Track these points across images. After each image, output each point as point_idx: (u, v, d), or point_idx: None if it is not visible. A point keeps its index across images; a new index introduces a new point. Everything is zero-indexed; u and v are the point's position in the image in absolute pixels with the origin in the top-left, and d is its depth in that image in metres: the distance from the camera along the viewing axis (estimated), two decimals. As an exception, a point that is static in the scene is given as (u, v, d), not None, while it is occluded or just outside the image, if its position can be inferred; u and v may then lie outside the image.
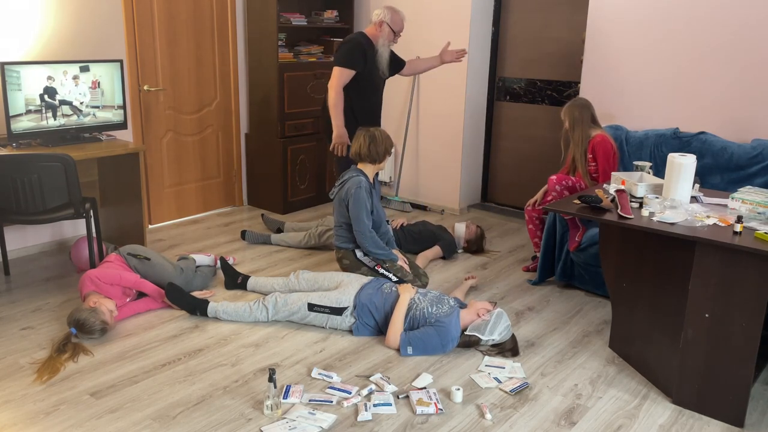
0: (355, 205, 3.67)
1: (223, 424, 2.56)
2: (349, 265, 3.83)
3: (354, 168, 3.83)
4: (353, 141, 3.81)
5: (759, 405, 2.79)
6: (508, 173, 5.58)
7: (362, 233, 3.69)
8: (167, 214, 5.11)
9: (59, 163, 3.52)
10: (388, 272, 3.74)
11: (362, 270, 3.77)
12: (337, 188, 3.81)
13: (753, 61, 3.91)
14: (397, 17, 4.20)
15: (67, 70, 3.99)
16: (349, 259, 3.82)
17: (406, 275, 3.75)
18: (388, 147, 3.78)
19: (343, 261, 3.86)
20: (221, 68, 5.22)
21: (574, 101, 3.94)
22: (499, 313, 3.17)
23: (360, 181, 3.69)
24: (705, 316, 2.62)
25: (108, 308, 3.21)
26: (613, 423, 2.64)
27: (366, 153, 3.74)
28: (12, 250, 4.21)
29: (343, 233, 3.83)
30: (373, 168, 3.82)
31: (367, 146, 3.73)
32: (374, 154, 3.74)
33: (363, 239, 3.70)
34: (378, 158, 3.76)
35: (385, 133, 3.80)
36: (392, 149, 3.84)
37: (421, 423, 2.60)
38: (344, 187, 3.74)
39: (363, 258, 3.79)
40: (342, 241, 3.84)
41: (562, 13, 4.99)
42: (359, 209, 3.66)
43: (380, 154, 3.75)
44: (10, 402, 2.67)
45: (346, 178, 3.77)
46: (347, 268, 3.84)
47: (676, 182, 2.93)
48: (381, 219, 3.86)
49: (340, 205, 3.77)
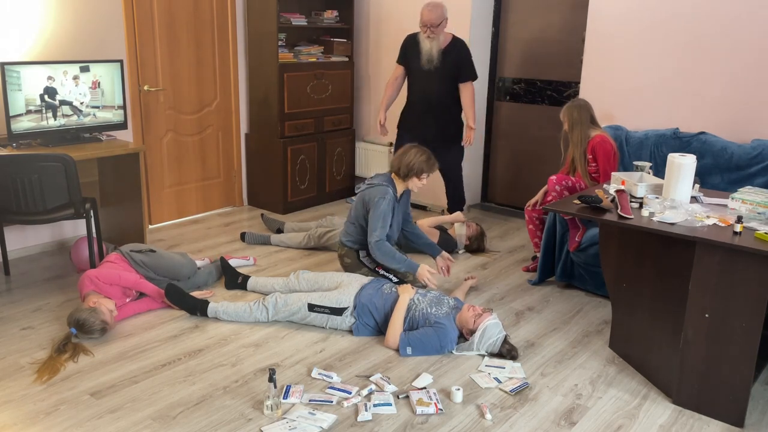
0: (375, 212, 3.57)
1: (223, 424, 2.56)
2: (350, 264, 3.81)
3: (387, 176, 3.72)
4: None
5: (759, 405, 2.79)
6: (508, 173, 5.58)
7: (372, 241, 3.57)
8: (167, 214, 5.11)
9: (59, 163, 3.52)
10: (387, 273, 3.73)
11: (362, 270, 3.76)
12: (365, 187, 3.71)
13: (753, 62, 3.91)
14: (421, 9, 4.46)
15: (67, 70, 3.99)
16: (351, 259, 3.81)
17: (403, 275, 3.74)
18: (418, 170, 3.59)
19: (345, 259, 3.84)
20: (221, 68, 5.22)
21: (572, 102, 3.94)
22: (490, 325, 3.10)
23: (388, 192, 3.59)
24: (705, 316, 2.62)
25: (108, 308, 3.21)
26: (613, 423, 2.64)
27: (396, 164, 3.64)
28: (12, 250, 4.21)
29: (353, 231, 3.78)
30: (400, 183, 3.69)
31: (398, 157, 3.63)
32: (403, 168, 3.61)
33: (373, 249, 3.59)
34: (402, 174, 3.62)
35: (423, 156, 3.60)
36: (424, 176, 3.62)
37: (421, 423, 2.60)
38: (371, 191, 3.64)
39: (364, 259, 3.78)
40: (348, 239, 3.81)
41: (562, 13, 4.99)
42: (376, 217, 3.57)
43: (406, 171, 3.59)
44: (10, 402, 2.67)
45: (376, 183, 3.66)
46: (348, 267, 3.83)
47: (676, 182, 2.93)
48: (392, 233, 3.71)
49: (362, 206, 3.68)
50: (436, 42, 4.45)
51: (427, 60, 4.47)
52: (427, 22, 4.38)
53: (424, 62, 4.49)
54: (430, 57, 4.46)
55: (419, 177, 3.63)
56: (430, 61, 4.47)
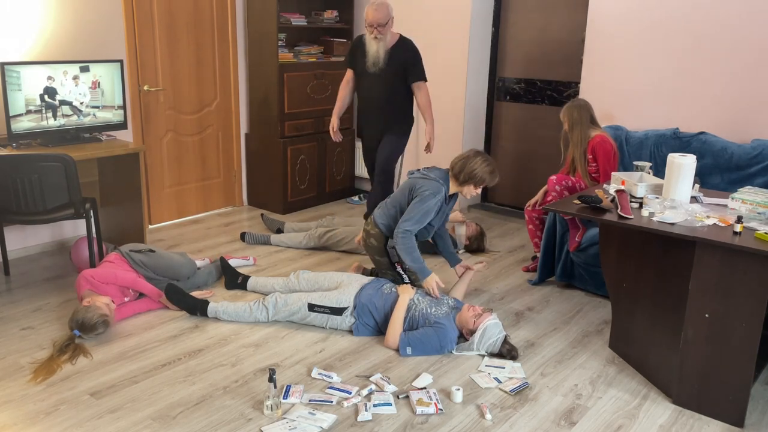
0: (418, 203, 3.42)
1: (223, 424, 2.56)
2: (373, 246, 3.64)
3: (444, 173, 3.53)
4: None
5: (759, 405, 2.79)
6: (508, 173, 5.58)
7: (403, 227, 3.42)
8: (167, 214, 5.11)
9: (59, 163, 3.52)
10: (404, 273, 3.62)
11: (383, 260, 3.62)
12: (418, 176, 3.55)
13: (753, 62, 3.91)
14: (366, 9, 4.18)
15: (67, 70, 3.99)
16: (377, 242, 3.62)
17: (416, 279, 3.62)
18: (479, 180, 3.43)
19: (371, 240, 3.64)
20: (221, 68, 5.23)
21: (572, 102, 3.94)
22: (490, 326, 3.11)
23: (440, 191, 3.44)
24: (705, 316, 2.62)
25: (103, 302, 3.20)
26: (613, 423, 2.64)
27: (459, 168, 3.44)
28: (12, 250, 4.21)
29: (393, 215, 3.57)
30: (455, 185, 3.51)
31: (462, 161, 3.45)
32: (464, 174, 3.43)
33: (399, 231, 3.43)
34: (461, 179, 3.45)
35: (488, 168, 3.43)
36: (481, 185, 3.47)
37: (421, 423, 2.60)
38: (425, 182, 3.47)
39: (391, 249, 3.59)
40: (383, 222, 3.60)
41: (562, 13, 4.99)
42: (417, 209, 3.41)
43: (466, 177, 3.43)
44: (10, 402, 2.67)
45: (431, 177, 3.49)
46: (369, 248, 3.67)
47: (676, 182, 2.93)
48: (430, 230, 3.62)
49: (408, 193, 3.54)
50: (383, 43, 4.20)
51: (373, 62, 4.24)
52: (373, 22, 4.12)
53: (370, 65, 4.25)
54: (376, 59, 4.23)
55: (477, 186, 3.48)
56: (376, 63, 4.23)
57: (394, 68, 4.26)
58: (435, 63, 5.34)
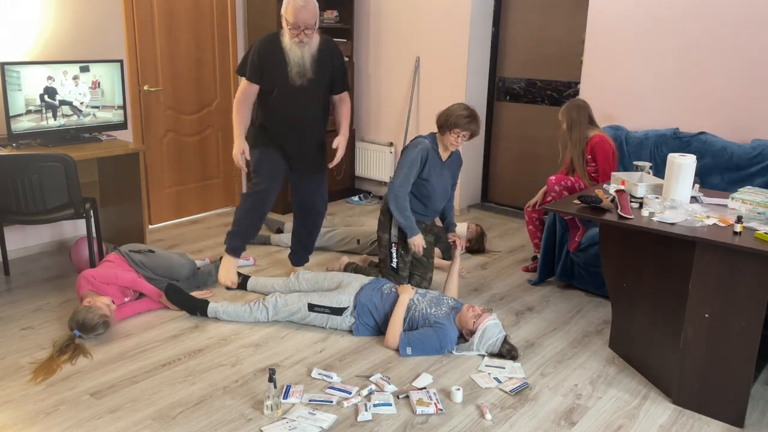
0: (401, 159, 3.53)
1: (223, 424, 2.56)
2: (381, 222, 3.70)
3: (431, 134, 3.60)
4: None
5: (759, 405, 2.79)
6: (508, 173, 5.58)
7: (392, 186, 3.52)
8: (167, 215, 5.11)
9: (59, 163, 3.52)
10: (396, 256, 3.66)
11: (384, 237, 3.68)
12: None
13: (753, 61, 3.91)
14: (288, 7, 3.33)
15: (67, 70, 3.99)
16: (385, 218, 3.69)
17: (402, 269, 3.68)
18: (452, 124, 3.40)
19: (380, 217, 3.73)
20: (221, 68, 5.22)
21: (571, 102, 3.95)
22: (490, 326, 3.11)
23: (422, 142, 3.51)
24: (705, 316, 2.62)
25: (103, 302, 3.20)
26: (613, 423, 2.64)
27: (440, 119, 3.50)
28: (12, 250, 4.21)
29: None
30: (440, 139, 3.54)
31: (443, 111, 3.49)
32: (441, 118, 3.47)
33: (390, 193, 3.55)
34: (439, 125, 3.48)
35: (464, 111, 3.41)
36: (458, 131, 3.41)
37: (421, 423, 2.60)
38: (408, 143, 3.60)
39: (393, 228, 3.63)
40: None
41: (562, 13, 4.99)
42: (402, 164, 3.51)
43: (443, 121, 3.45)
44: (10, 402, 2.67)
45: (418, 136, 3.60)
46: (379, 226, 3.73)
47: (676, 182, 2.93)
48: (432, 193, 3.59)
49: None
50: (308, 48, 3.40)
51: (299, 73, 3.42)
52: (301, 23, 3.29)
53: (295, 76, 3.41)
54: (302, 68, 3.41)
55: (452, 131, 3.43)
56: (303, 74, 3.42)
57: (323, 78, 3.52)
58: (435, 63, 5.35)
